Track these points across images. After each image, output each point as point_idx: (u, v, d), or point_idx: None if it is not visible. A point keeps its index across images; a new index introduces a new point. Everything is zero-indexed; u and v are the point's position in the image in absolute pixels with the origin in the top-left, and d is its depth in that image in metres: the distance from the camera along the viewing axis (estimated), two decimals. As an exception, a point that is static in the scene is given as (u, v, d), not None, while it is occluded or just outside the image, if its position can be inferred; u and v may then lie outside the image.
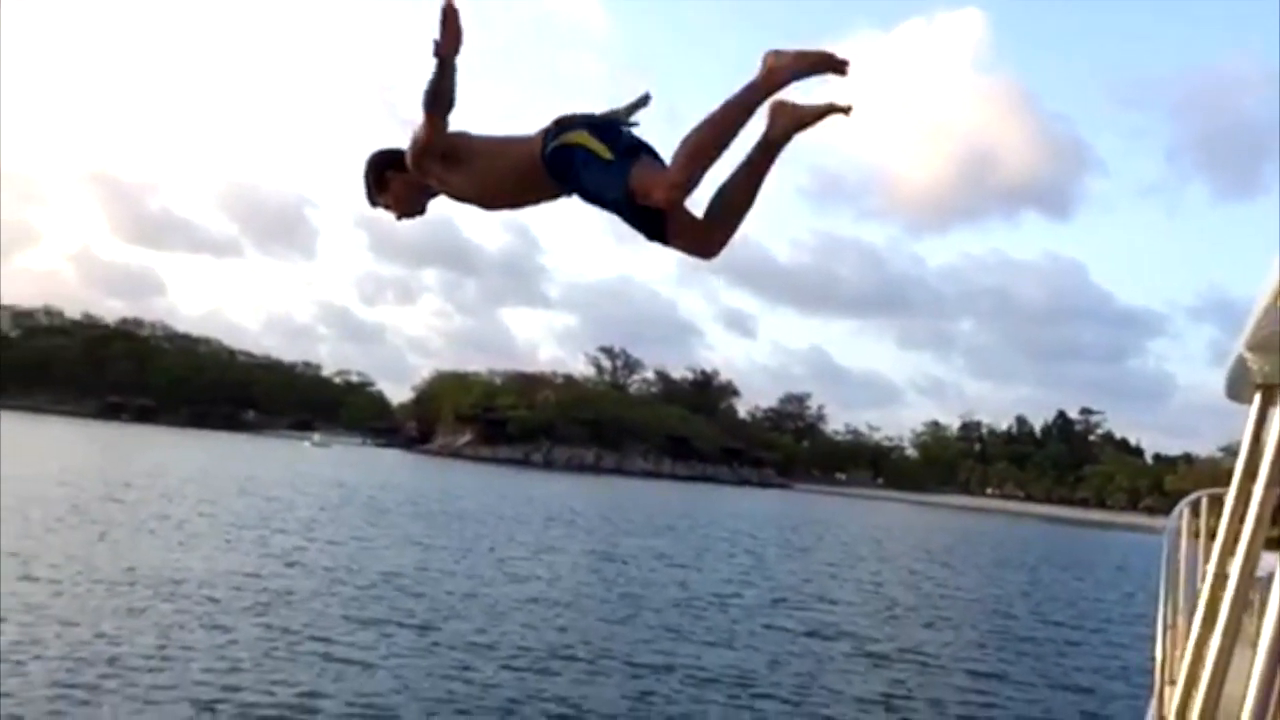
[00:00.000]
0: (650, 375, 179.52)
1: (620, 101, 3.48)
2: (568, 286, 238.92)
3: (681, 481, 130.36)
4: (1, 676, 11.83)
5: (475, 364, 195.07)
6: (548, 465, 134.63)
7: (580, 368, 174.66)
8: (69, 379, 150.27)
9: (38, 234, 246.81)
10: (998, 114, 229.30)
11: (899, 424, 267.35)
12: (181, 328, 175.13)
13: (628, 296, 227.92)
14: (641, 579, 27.16)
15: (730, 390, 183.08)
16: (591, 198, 3.47)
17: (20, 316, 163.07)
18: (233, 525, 29.86)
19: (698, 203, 3.43)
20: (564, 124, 3.42)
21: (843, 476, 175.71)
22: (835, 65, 3.32)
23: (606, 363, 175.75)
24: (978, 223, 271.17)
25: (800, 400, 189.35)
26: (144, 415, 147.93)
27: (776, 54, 3.32)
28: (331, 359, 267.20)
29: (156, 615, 16.25)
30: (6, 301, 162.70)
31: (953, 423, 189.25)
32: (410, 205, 3.77)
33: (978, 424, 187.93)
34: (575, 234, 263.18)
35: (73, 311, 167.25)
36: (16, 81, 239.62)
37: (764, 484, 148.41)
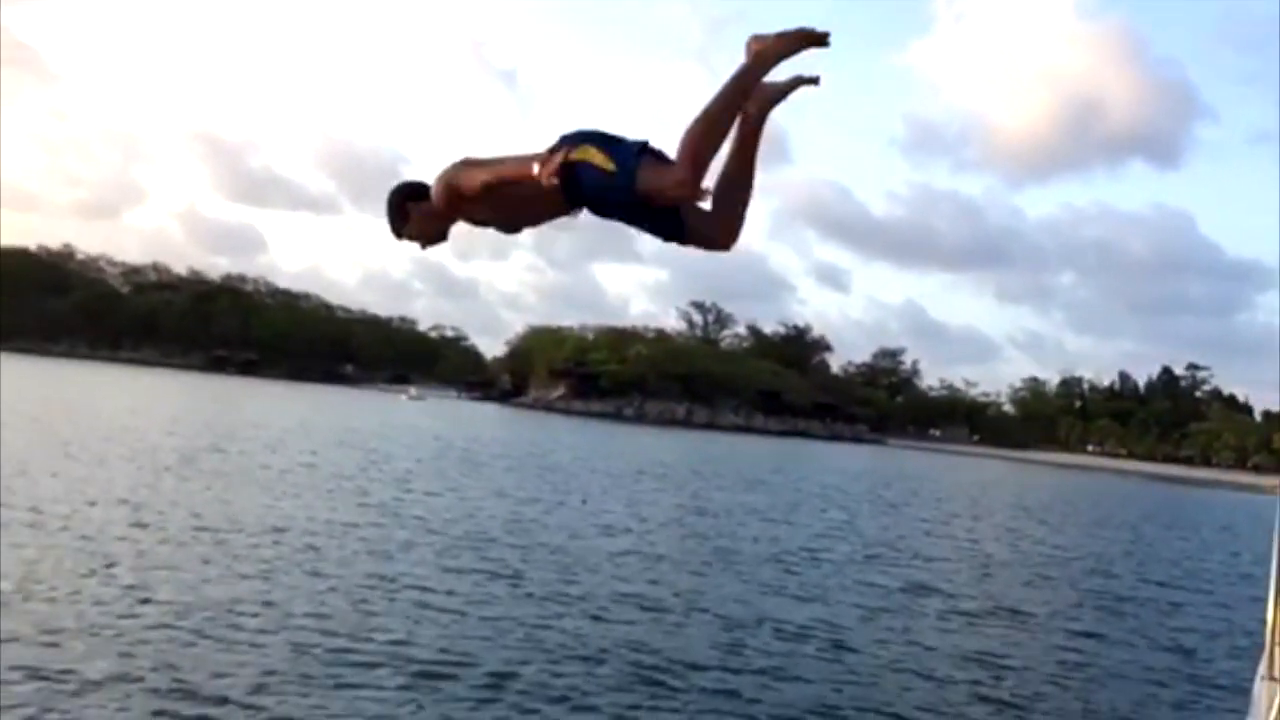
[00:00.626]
0: (742, 330, 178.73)
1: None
2: (659, 241, 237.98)
3: (773, 437, 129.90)
4: (114, 619, 12.29)
5: (567, 319, 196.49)
6: (639, 419, 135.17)
7: (672, 322, 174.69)
8: (177, 333, 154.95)
9: (145, 192, 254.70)
10: (1103, 60, 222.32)
11: (996, 380, 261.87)
12: (282, 283, 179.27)
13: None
14: (732, 533, 27.17)
15: (823, 345, 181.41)
16: (602, 209, 3.64)
17: (130, 273, 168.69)
18: (332, 476, 30.55)
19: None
20: (567, 141, 3.55)
21: (937, 433, 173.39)
22: (816, 40, 3.45)
23: (698, 317, 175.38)
24: (1080, 173, 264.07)
25: (894, 355, 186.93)
26: (248, 368, 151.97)
27: (759, 38, 3.46)
28: (427, 314, 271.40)
29: (259, 562, 16.72)
30: (118, 258, 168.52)
31: (1052, 379, 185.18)
32: (433, 235, 3.94)
33: (1079, 380, 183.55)
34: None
35: (179, 268, 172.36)
36: (124, 42, 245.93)
37: (857, 440, 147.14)
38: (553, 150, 3.56)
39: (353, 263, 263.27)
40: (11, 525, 17.43)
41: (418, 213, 3.90)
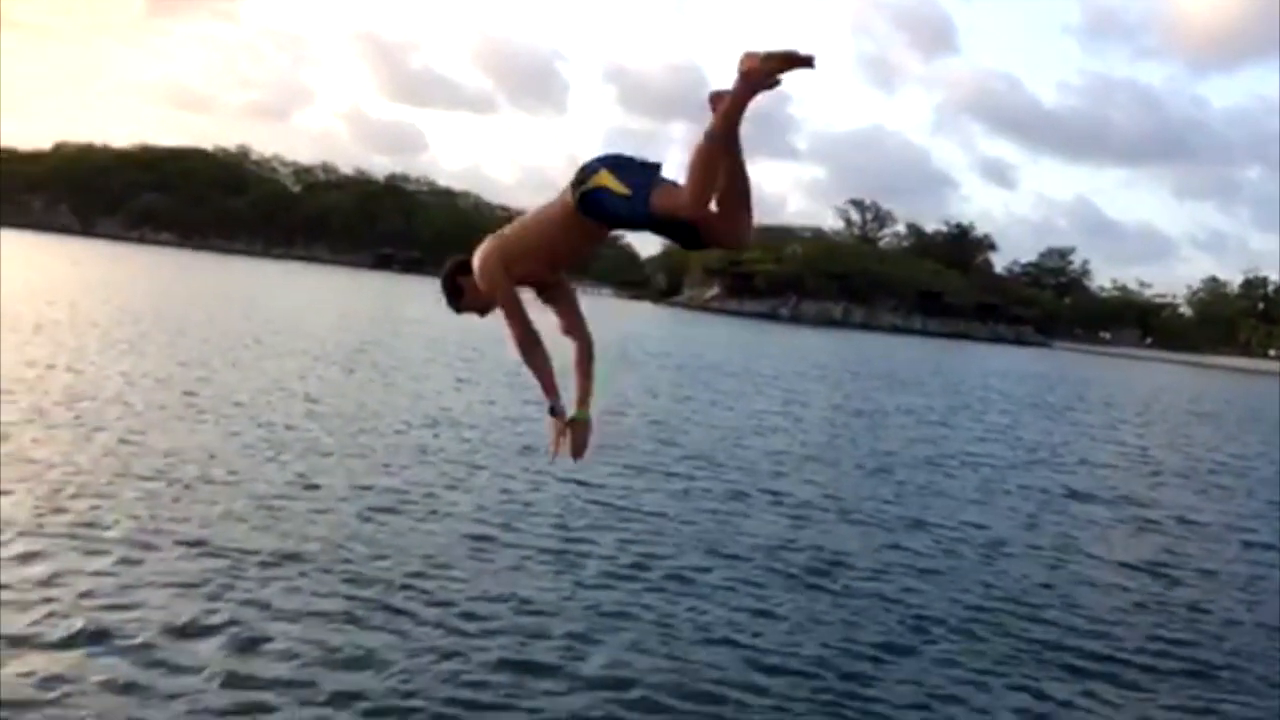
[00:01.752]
0: (901, 228, 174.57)
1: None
2: (817, 137, 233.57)
3: (932, 338, 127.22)
4: (285, 502, 12.93)
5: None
6: (794, 320, 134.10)
7: (829, 221, 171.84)
8: (345, 232, 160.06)
9: (312, 94, 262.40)
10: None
11: (1172, 280, 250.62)
12: (443, 182, 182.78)
13: (879, 147, 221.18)
14: (889, 435, 26.84)
15: (986, 244, 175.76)
16: (625, 226, 4.04)
17: (301, 173, 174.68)
18: (495, 372, 31.28)
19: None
20: (586, 170, 3.96)
21: (1107, 335, 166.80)
22: (802, 61, 3.75)
23: (856, 215, 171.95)
24: (1271, 60, 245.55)
25: (1063, 254, 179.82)
26: (412, 266, 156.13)
27: (749, 56, 3.76)
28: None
29: (420, 452, 17.31)
30: (288, 159, 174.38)
31: (1234, 279, 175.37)
32: (489, 305, 4.45)
33: (1263, 280, 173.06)
34: (826, 83, 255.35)
35: (346, 168, 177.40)
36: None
37: (1021, 342, 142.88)
38: (575, 182, 3.99)
39: (509, 161, 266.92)
40: (191, 414, 18.44)
41: (471, 285, 4.42)
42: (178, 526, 11.39)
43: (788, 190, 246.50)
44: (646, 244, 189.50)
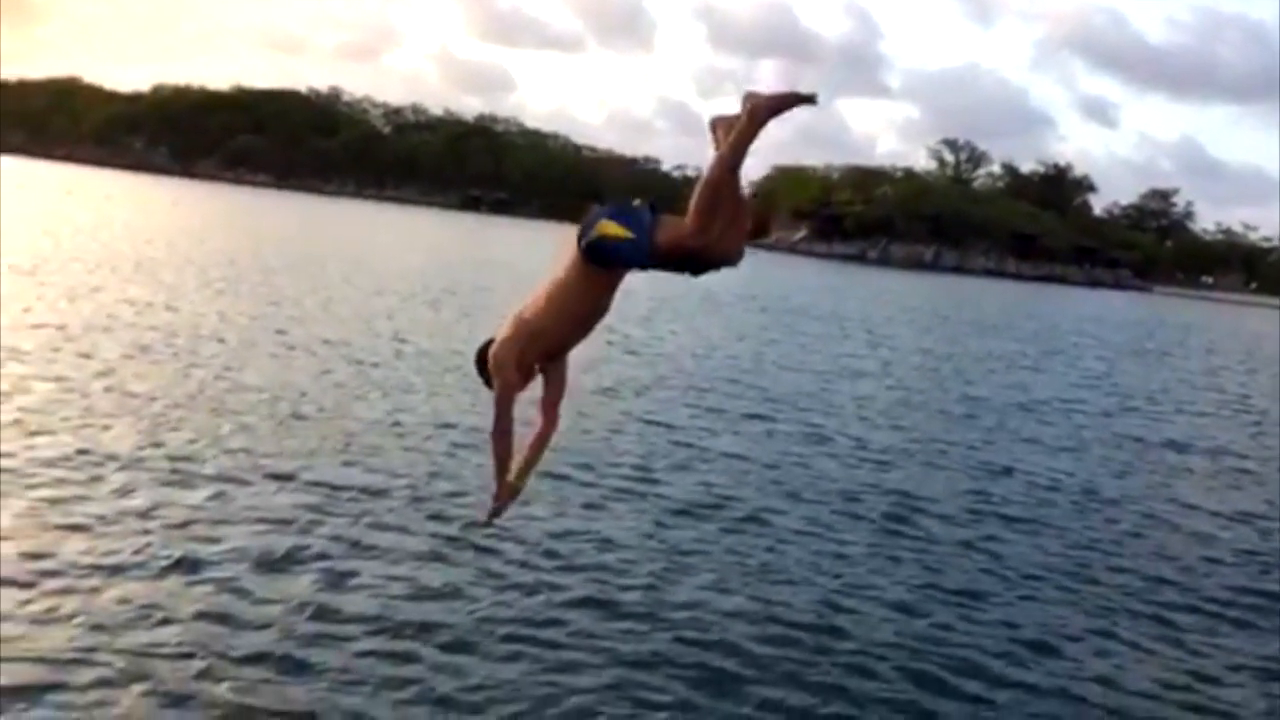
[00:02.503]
0: (996, 169, 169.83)
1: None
2: (910, 75, 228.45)
3: (1026, 282, 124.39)
4: (375, 437, 13.13)
5: (811, 158, 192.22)
6: (884, 262, 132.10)
7: (921, 161, 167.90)
8: (433, 173, 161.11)
9: (402, 35, 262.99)
10: None
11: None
12: (531, 123, 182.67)
13: (974, 84, 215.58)
14: (981, 380, 26.36)
15: (1085, 185, 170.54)
16: (633, 266, 4.25)
17: (391, 114, 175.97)
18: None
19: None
20: (587, 224, 4.16)
21: (1209, 280, 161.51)
22: (805, 100, 4.00)
23: (949, 155, 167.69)
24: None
25: (1165, 196, 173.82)
26: (499, 207, 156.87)
27: (752, 95, 4.01)
28: (670, 153, 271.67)
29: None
30: (379, 99, 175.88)
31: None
32: (523, 382, 4.59)
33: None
34: (920, 19, 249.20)
35: (435, 109, 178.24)
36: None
37: (1119, 286, 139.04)
38: (579, 236, 4.18)
39: (597, 101, 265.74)
40: (282, 351, 18.80)
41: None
42: (269, 461, 11.65)
43: (878, 130, 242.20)
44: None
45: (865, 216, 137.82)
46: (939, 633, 8.89)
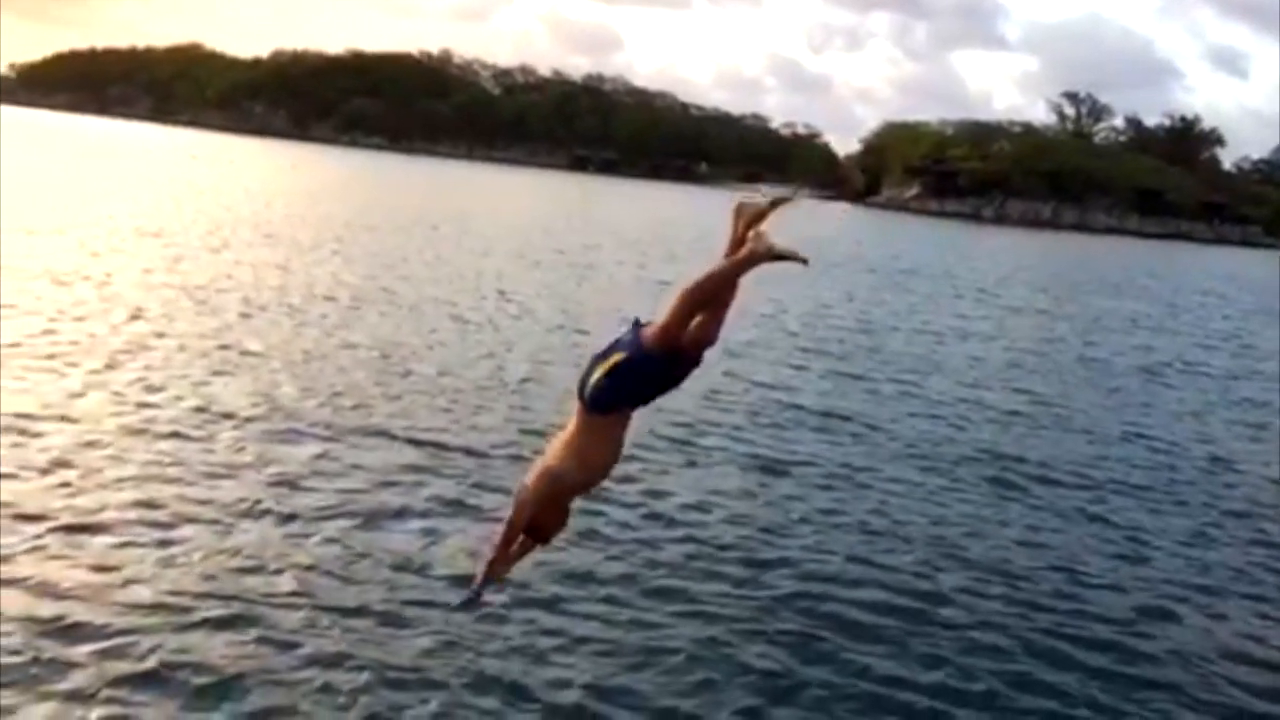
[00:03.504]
0: (1119, 123, 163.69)
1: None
2: (1029, 26, 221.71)
3: (1150, 239, 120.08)
4: (474, 387, 13.24)
5: (925, 113, 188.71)
6: (1000, 220, 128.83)
7: (1040, 115, 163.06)
8: (542, 133, 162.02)
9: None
10: None
11: None
12: (638, 83, 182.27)
13: (1096, 35, 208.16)
14: (1100, 341, 25.53)
15: (1213, 138, 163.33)
16: (638, 397, 4.39)
17: (501, 75, 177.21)
18: (690, 273, 31.15)
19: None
20: (584, 382, 4.29)
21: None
22: (799, 259, 4.52)
23: (1070, 109, 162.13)
24: None
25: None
26: (607, 167, 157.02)
27: (758, 236, 4.53)
28: (779, 111, 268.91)
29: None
30: (489, 61, 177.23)
31: None
32: (558, 526, 4.60)
33: None
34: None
35: (544, 69, 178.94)
36: None
37: (1248, 243, 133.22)
38: (581, 396, 4.36)
39: (705, 60, 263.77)
40: (394, 311, 19.08)
41: (537, 522, 4.54)
42: (377, 419, 11.82)
43: (995, 83, 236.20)
44: (844, 142, 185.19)
45: (981, 173, 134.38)
46: (1050, 600, 8.62)
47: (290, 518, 8.66)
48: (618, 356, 4.39)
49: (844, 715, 6.57)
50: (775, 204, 4.73)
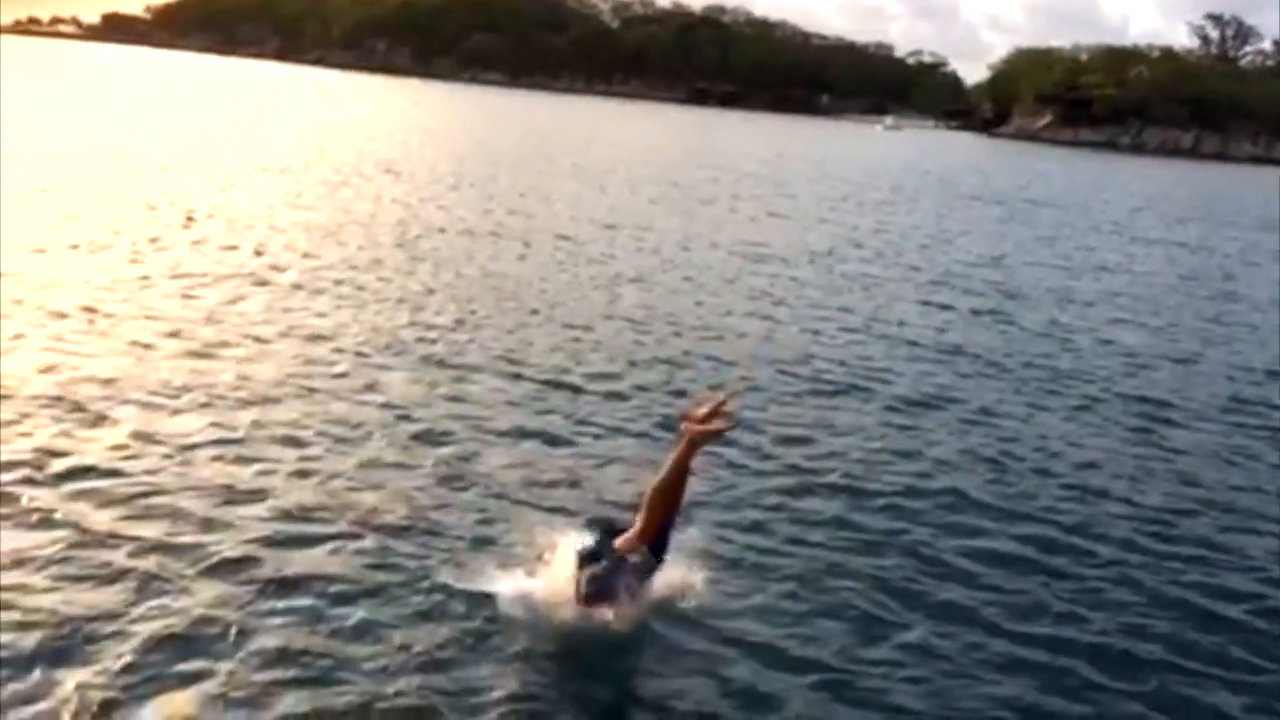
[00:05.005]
0: (1267, 45, 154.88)
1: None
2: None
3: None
4: (606, 339, 13.18)
5: (1058, 39, 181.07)
6: (1136, 149, 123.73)
7: (1181, 39, 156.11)
8: (661, 66, 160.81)
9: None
10: None
11: None
12: (759, 13, 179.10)
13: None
14: (1241, 276, 24.33)
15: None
16: (612, 584, 5.85)
17: (619, 8, 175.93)
18: (812, 210, 30.68)
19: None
20: (582, 586, 5.86)
21: None
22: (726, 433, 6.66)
23: (1214, 32, 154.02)
24: None
25: None
26: (727, 100, 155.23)
27: (689, 418, 6.04)
28: (904, 39, 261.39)
29: (744, 284, 17.26)
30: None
31: None
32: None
33: None
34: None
35: (663, 1, 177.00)
36: None
37: None
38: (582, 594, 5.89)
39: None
40: (515, 245, 19.13)
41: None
42: (488, 350, 11.84)
43: (1132, 7, 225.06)
44: (972, 69, 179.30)
45: (1117, 100, 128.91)
46: (1192, 549, 8.18)
47: (419, 436, 8.85)
48: (597, 568, 5.76)
49: (978, 660, 6.33)
50: (716, 412, 6.10)
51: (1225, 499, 9.30)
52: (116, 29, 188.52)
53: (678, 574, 6.51)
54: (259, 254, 16.14)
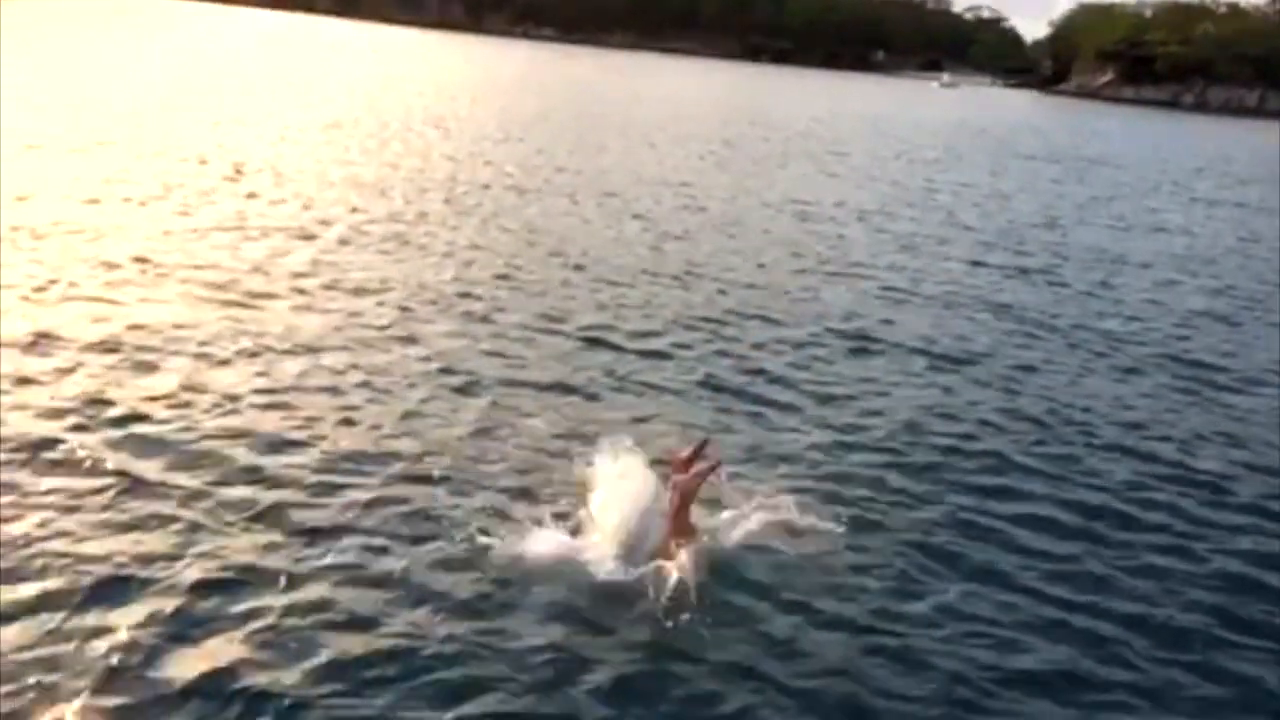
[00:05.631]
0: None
1: None
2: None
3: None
4: (635, 273, 13.15)
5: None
6: (1199, 108, 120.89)
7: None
8: (715, 22, 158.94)
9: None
10: None
11: None
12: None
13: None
14: (1308, 240, 23.75)
15: None
16: None
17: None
18: (864, 168, 30.32)
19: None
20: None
21: None
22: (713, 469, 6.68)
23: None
24: None
25: None
26: (781, 57, 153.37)
27: (677, 480, 6.42)
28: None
29: (791, 242, 17.13)
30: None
31: None
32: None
33: None
34: None
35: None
36: None
37: None
38: None
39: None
40: (556, 198, 19.11)
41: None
42: (534, 305, 11.86)
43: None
44: (1032, 25, 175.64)
45: (1181, 57, 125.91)
46: (1242, 517, 8.04)
47: (444, 395, 8.86)
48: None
49: (1018, 622, 6.29)
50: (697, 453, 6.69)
51: (1278, 465, 9.12)
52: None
53: (720, 526, 6.56)
54: (307, 208, 16.24)
